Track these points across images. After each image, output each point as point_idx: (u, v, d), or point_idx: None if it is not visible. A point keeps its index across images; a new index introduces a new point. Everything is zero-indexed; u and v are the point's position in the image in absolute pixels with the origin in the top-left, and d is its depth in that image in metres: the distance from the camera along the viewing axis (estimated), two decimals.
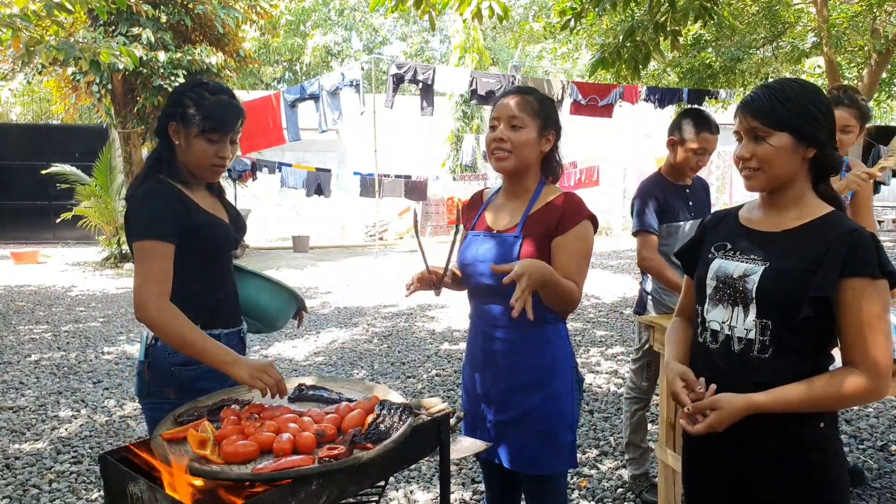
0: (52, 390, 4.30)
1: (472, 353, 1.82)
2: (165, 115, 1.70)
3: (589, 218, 1.71)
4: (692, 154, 2.57)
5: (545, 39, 13.25)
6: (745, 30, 10.02)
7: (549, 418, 1.71)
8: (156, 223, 1.60)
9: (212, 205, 1.78)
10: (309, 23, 23.45)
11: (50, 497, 2.84)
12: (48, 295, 7.99)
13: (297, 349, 5.36)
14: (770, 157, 1.32)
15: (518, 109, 1.69)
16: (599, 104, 9.35)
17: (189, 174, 1.71)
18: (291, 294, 1.98)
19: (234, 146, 1.73)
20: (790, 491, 1.31)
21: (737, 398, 1.29)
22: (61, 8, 4.40)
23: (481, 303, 1.78)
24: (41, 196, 13.47)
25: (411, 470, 3.01)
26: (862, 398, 1.27)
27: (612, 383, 4.30)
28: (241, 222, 1.88)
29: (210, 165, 1.69)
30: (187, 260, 1.64)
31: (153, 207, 1.62)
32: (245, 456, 1.28)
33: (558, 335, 1.73)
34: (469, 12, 4.17)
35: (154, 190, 1.65)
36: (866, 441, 3.32)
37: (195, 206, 1.70)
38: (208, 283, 1.72)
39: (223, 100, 1.68)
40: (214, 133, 1.66)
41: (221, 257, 1.76)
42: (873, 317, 1.24)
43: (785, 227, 1.35)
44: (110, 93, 10.06)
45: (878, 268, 1.24)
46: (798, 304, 1.27)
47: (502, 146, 1.70)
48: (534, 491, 1.79)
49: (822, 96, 1.34)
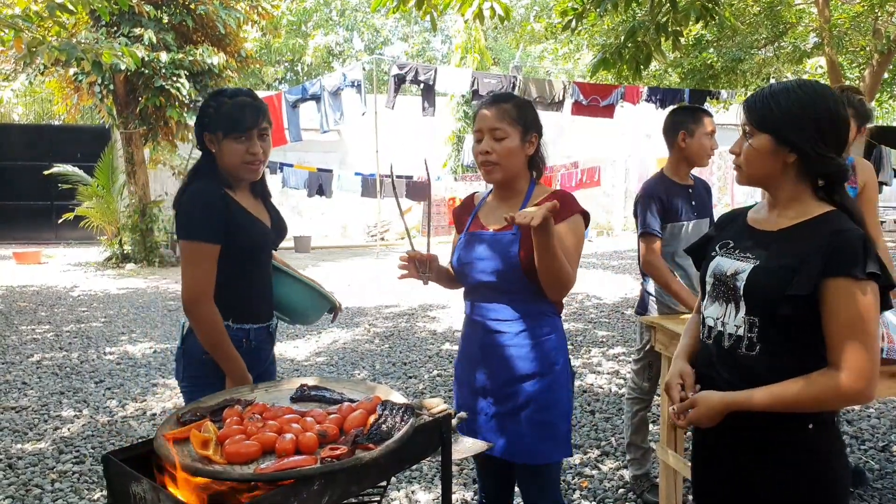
0: (54, 390, 4.30)
1: (469, 349, 1.85)
2: (199, 128, 1.81)
3: (580, 213, 1.76)
4: (706, 137, 2.63)
5: (546, 40, 13.24)
6: (746, 30, 10.01)
7: (547, 409, 1.74)
8: (202, 224, 1.72)
9: (254, 206, 1.87)
10: (310, 23, 23.47)
11: (52, 497, 2.84)
12: (50, 295, 8.00)
13: (299, 349, 5.36)
14: (749, 155, 1.35)
15: (497, 120, 1.73)
16: (601, 104, 9.34)
17: (230, 177, 1.80)
18: (321, 295, 2.05)
19: (266, 142, 1.81)
20: (785, 491, 1.32)
21: (713, 396, 1.33)
22: (63, 9, 4.41)
23: (479, 300, 1.81)
24: (43, 196, 13.48)
25: (413, 470, 3.02)
26: (846, 400, 1.25)
27: (613, 384, 4.30)
28: (281, 225, 1.97)
29: (242, 163, 1.78)
30: (227, 259, 1.76)
31: (200, 207, 1.74)
32: (247, 456, 1.28)
33: (554, 329, 1.78)
34: (470, 13, 4.18)
35: (201, 191, 1.76)
36: (868, 442, 3.32)
37: (237, 206, 1.79)
38: (244, 280, 1.82)
39: (241, 100, 1.77)
40: (237, 132, 1.74)
41: (259, 257, 1.85)
42: (855, 318, 1.22)
43: (781, 227, 1.36)
44: (112, 93, 10.08)
45: (861, 269, 1.22)
46: (778, 302, 1.27)
47: (489, 158, 1.74)
48: (529, 480, 1.82)
49: (823, 105, 1.29)
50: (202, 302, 1.71)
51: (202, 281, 1.71)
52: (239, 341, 1.80)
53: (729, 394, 1.31)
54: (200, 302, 1.71)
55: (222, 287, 1.76)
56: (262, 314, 1.89)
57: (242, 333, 1.82)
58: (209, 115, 1.77)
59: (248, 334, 1.83)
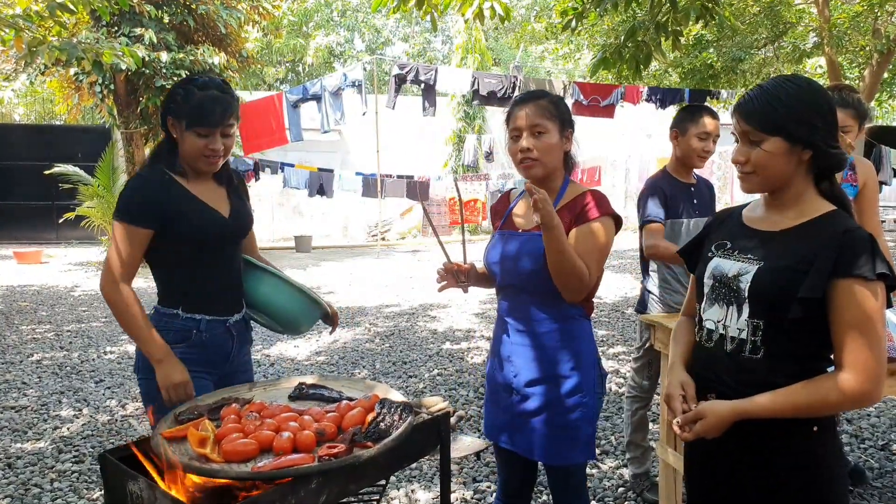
0: (54, 390, 4.31)
1: (499, 346, 1.85)
2: (164, 111, 1.78)
3: (611, 216, 1.74)
4: (696, 140, 2.58)
5: (547, 40, 13.24)
6: (746, 30, 10.00)
7: (570, 410, 1.74)
8: (133, 207, 1.70)
9: (212, 195, 1.82)
10: (311, 23, 23.47)
11: (51, 496, 2.84)
12: (51, 295, 8.01)
13: (299, 349, 5.36)
14: (763, 161, 1.30)
15: (537, 116, 1.73)
16: (601, 104, 9.35)
17: (187, 165, 1.78)
18: (310, 299, 1.89)
19: (229, 139, 1.78)
20: (785, 495, 1.31)
21: (722, 406, 1.29)
22: (64, 8, 4.41)
23: (510, 298, 1.82)
24: (44, 196, 13.49)
25: (412, 469, 3.01)
26: (850, 403, 1.24)
27: (613, 382, 4.29)
28: (243, 215, 1.90)
29: (202, 156, 1.75)
30: (170, 244, 1.75)
31: (134, 192, 1.72)
32: (245, 454, 1.28)
33: (582, 330, 1.78)
34: (471, 13, 4.18)
35: (140, 177, 1.76)
36: (867, 441, 3.31)
37: (186, 195, 1.76)
38: (195, 268, 1.78)
39: (210, 94, 1.72)
40: (200, 126, 1.72)
41: (210, 247, 1.79)
42: (864, 319, 1.20)
43: (783, 227, 1.34)
44: (113, 93, 10.08)
45: (871, 269, 1.20)
46: (788, 305, 1.24)
47: (529, 155, 1.73)
48: (557, 482, 1.83)
49: (819, 95, 1.30)
50: (117, 283, 1.68)
51: (124, 261, 1.69)
52: (188, 332, 1.77)
53: (737, 402, 1.27)
54: (115, 283, 1.68)
55: (171, 274, 1.78)
56: (219, 306, 1.82)
57: (193, 324, 1.77)
58: (176, 101, 1.74)
59: (198, 325, 1.78)
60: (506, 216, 1.89)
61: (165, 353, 1.69)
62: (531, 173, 1.76)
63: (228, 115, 1.74)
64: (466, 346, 5.33)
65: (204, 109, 1.71)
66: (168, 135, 1.78)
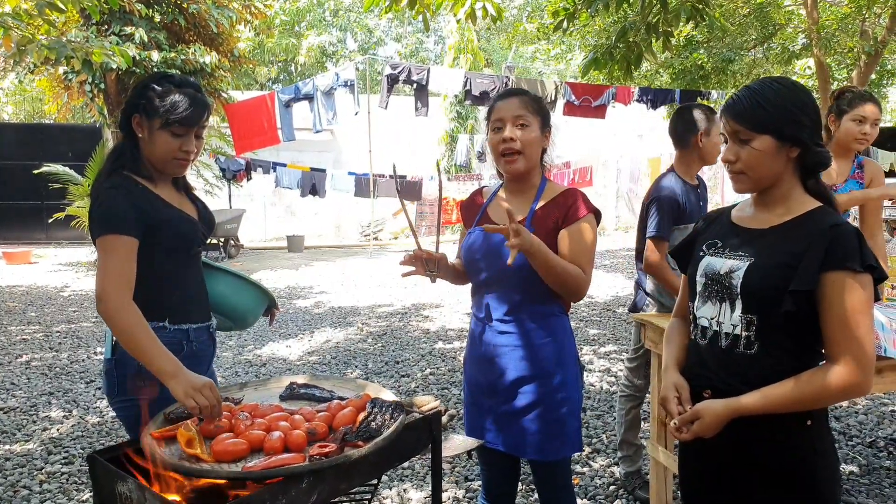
0: (43, 391, 4.27)
1: (477, 347, 1.84)
2: (129, 107, 1.66)
3: (593, 212, 1.76)
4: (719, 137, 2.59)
5: (539, 40, 13.27)
6: (736, 31, 10.08)
7: (558, 406, 1.75)
8: (116, 218, 1.57)
9: (179, 200, 1.76)
10: (304, 23, 23.41)
11: (40, 498, 2.82)
12: (40, 295, 7.94)
13: (291, 349, 5.35)
14: (753, 160, 1.33)
15: (521, 108, 1.73)
16: (592, 105, 9.37)
17: (153, 168, 1.68)
18: (262, 291, 1.96)
19: (200, 141, 1.72)
20: (780, 490, 1.32)
21: (718, 404, 1.30)
22: (53, 7, 4.38)
23: (486, 298, 1.80)
24: (33, 196, 13.38)
25: (404, 468, 3.02)
26: (846, 394, 1.26)
27: (604, 381, 4.31)
28: (209, 217, 1.85)
29: (173, 159, 1.66)
30: (153, 255, 1.63)
31: (114, 203, 1.58)
32: (235, 454, 1.28)
33: (562, 328, 1.78)
34: (463, 13, 4.18)
35: (115, 186, 1.62)
36: (855, 437, 3.35)
37: (161, 201, 1.68)
38: (176, 278, 1.70)
39: (189, 93, 1.65)
40: (179, 126, 1.63)
41: (188, 252, 1.74)
42: (855, 311, 1.23)
43: (772, 224, 1.36)
44: (103, 92, 10.01)
45: (859, 262, 1.23)
46: (779, 299, 1.27)
47: (512, 146, 1.71)
48: (546, 478, 1.84)
49: (805, 95, 1.34)
50: (115, 297, 1.51)
51: (119, 275, 1.53)
52: (178, 344, 1.65)
53: (731, 400, 1.29)
54: (112, 298, 1.51)
55: (154, 286, 1.63)
56: (201, 313, 1.76)
57: (182, 335, 1.68)
58: (149, 98, 1.63)
59: (187, 335, 1.68)
60: (480, 213, 1.86)
61: (177, 363, 1.49)
62: (513, 168, 1.74)
63: (206, 116, 1.68)
64: (459, 346, 5.33)
65: (184, 109, 1.62)
66: (130, 136, 1.67)
